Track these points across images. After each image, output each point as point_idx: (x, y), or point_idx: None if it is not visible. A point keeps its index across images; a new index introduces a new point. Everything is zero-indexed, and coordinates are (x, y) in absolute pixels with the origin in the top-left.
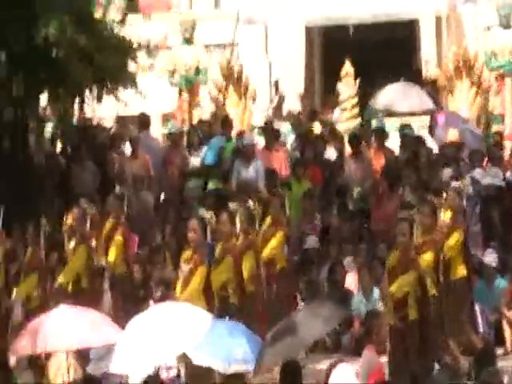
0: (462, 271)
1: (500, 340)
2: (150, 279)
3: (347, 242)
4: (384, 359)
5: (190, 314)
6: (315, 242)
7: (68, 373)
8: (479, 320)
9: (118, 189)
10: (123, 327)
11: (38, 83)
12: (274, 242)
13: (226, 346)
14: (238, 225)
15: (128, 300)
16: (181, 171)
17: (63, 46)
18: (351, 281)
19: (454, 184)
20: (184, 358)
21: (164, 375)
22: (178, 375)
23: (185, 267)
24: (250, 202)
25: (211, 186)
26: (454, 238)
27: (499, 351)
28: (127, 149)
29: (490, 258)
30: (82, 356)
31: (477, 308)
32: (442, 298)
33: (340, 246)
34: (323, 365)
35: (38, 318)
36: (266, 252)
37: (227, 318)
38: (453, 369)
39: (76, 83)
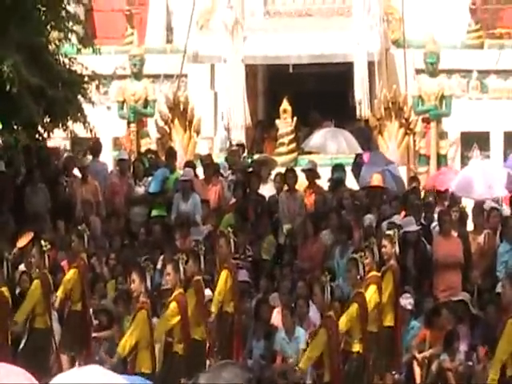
0: (391, 319)
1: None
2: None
3: (275, 277)
4: None
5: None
6: (246, 275)
7: None
8: None
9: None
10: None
11: None
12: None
13: None
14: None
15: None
16: (126, 198)
17: (16, 84)
18: (277, 316)
19: (388, 232)
20: None
21: None
22: None
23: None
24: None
25: (155, 213)
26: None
27: None
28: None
29: (406, 301)
30: None
31: None
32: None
33: (269, 281)
34: None
35: None
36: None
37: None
38: None
39: (28, 117)
